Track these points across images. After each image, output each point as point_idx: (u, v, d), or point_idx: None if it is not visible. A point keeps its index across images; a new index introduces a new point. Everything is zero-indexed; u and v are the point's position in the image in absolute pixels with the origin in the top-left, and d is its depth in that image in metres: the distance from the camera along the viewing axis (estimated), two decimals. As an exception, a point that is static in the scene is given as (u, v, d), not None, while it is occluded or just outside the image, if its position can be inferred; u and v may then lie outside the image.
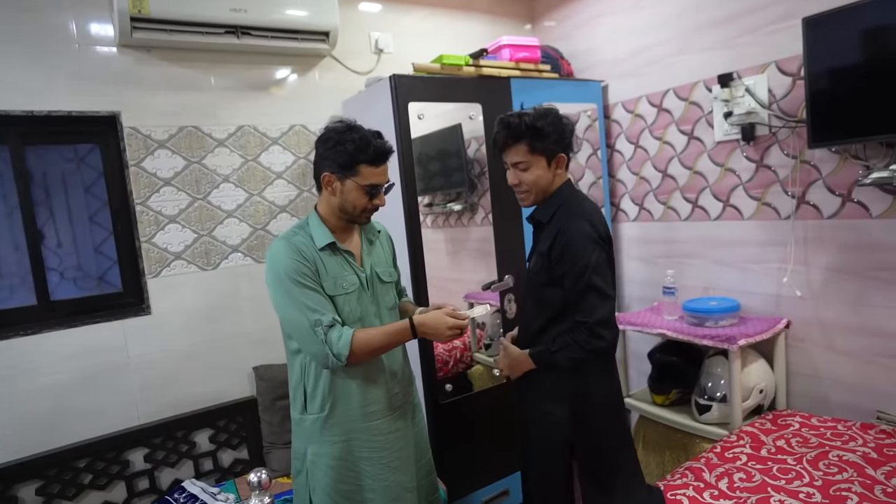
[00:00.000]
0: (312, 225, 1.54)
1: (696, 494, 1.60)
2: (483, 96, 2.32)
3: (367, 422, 1.53)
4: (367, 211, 1.53)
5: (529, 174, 1.53)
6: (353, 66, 2.66)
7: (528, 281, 1.65)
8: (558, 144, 1.53)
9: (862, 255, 1.93)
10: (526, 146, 1.51)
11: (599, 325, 1.43)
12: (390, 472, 1.54)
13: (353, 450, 1.52)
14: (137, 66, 2.18)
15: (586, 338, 1.43)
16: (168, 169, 2.26)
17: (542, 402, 1.57)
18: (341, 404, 1.51)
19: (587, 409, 1.53)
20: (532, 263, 1.61)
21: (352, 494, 1.53)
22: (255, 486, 1.15)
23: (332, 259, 1.51)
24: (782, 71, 2.06)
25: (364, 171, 1.47)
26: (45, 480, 2.01)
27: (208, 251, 2.36)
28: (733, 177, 2.28)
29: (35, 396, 2.03)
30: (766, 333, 2.06)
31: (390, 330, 1.49)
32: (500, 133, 1.54)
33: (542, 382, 1.57)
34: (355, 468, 1.52)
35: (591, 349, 1.45)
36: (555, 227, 1.52)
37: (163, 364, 2.26)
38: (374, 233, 1.66)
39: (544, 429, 1.58)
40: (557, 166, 1.55)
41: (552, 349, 1.49)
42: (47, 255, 2.15)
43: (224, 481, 2.31)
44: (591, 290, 1.44)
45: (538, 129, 1.49)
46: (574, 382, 1.52)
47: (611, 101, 2.78)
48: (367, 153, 1.45)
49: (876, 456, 1.66)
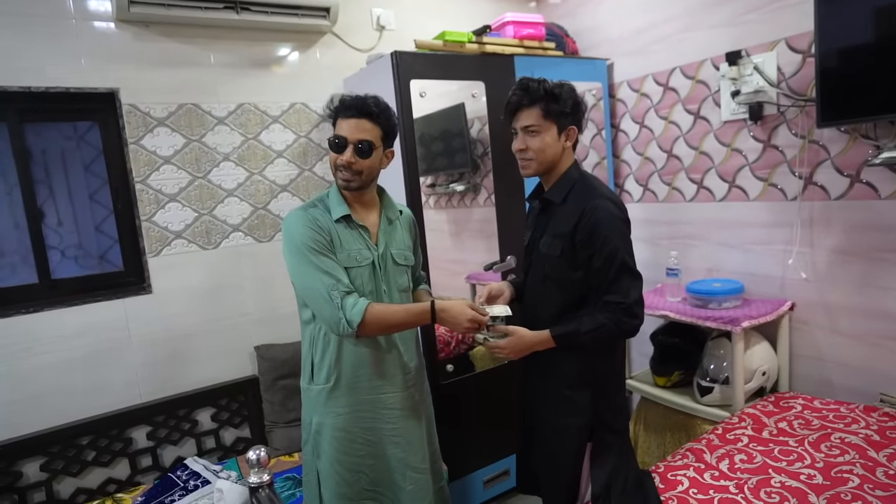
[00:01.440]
0: (332, 196, 1.54)
1: (697, 475, 1.60)
2: (486, 74, 2.28)
3: (375, 394, 1.54)
4: (340, 168, 1.48)
5: (538, 140, 1.49)
6: (355, 43, 2.62)
7: (540, 264, 1.58)
8: (572, 115, 1.51)
9: (869, 237, 1.91)
10: (541, 110, 1.48)
11: (636, 304, 1.43)
12: (395, 448, 1.55)
13: (358, 421, 1.53)
14: (136, 42, 2.15)
15: (623, 318, 1.42)
16: (168, 147, 2.24)
17: (562, 388, 1.54)
18: (349, 376, 1.52)
19: (608, 393, 1.54)
20: (547, 246, 1.54)
21: (355, 466, 1.54)
22: (255, 464, 1.15)
23: (346, 231, 1.51)
24: (792, 48, 2.02)
25: (337, 123, 1.48)
26: (48, 457, 2.03)
27: (209, 230, 2.34)
28: (739, 157, 2.25)
29: (37, 374, 2.04)
30: (769, 315, 2.04)
31: (410, 309, 1.47)
32: (517, 94, 1.51)
33: (559, 367, 1.54)
34: (359, 440, 1.53)
35: (629, 329, 1.45)
36: (574, 208, 1.47)
37: (164, 343, 2.26)
38: (394, 212, 1.63)
39: (564, 414, 1.54)
40: (567, 138, 1.52)
41: (583, 329, 1.44)
42: (48, 233, 2.15)
43: (226, 459, 2.33)
44: (625, 271, 1.43)
45: (556, 94, 1.47)
46: (594, 367, 1.52)
47: (616, 80, 2.73)
48: (339, 105, 1.47)
49: (878, 438, 1.65)
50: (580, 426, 1.53)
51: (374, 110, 1.47)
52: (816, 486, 1.47)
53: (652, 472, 1.65)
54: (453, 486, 2.24)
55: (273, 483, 1.15)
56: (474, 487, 2.35)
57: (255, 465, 1.15)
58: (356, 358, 1.52)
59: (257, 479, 1.13)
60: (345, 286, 1.42)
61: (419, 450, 1.60)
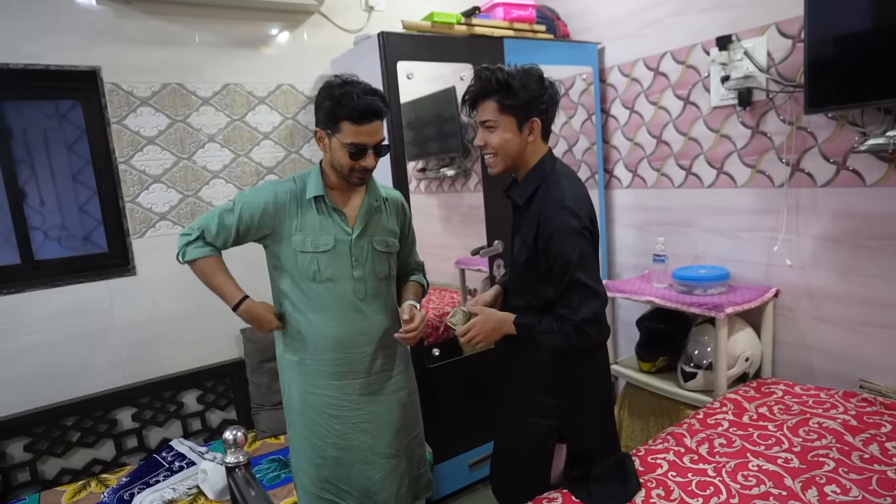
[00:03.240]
0: (312, 176, 1.52)
1: (676, 459, 1.61)
2: (475, 57, 2.25)
3: (341, 380, 1.53)
4: (356, 171, 1.45)
5: (496, 136, 1.39)
6: (343, 24, 2.58)
7: (514, 266, 1.53)
8: (531, 106, 1.37)
9: (853, 224, 1.91)
10: (495, 103, 1.36)
11: (585, 323, 1.34)
12: (361, 434, 1.54)
13: (322, 406, 1.53)
14: (117, 19, 2.11)
15: (571, 332, 1.35)
16: (151, 127, 2.21)
17: (531, 390, 1.49)
18: (315, 359, 1.52)
19: (579, 399, 1.48)
20: (517, 250, 1.48)
21: (321, 449, 1.55)
22: (231, 444, 1.15)
23: (310, 214, 1.49)
24: (782, 33, 2.00)
25: (346, 128, 1.40)
26: (32, 437, 2.03)
27: (194, 212, 2.32)
28: (728, 143, 2.24)
29: (21, 355, 2.03)
30: (754, 302, 2.05)
31: (225, 284, 1.54)
32: (473, 85, 1.40)
33: (531, 370, 1.50)
34: (325, 424, 1.54)
35: (578, 346, 1.37)
36: (535, 214, 1.39)
37: (149, 325, 2.25)
38: (377, 197, 1.58)
39: (532, 415, 1.50)
40: (530, 132, 1.39)
41: (539, 328, 1.39)
42: (30, 213, 2.12)
43: (212, 441, 2.34)
44: (575, 286, 1.34)
45: (509, 85, 1.34)
46: (565, 373, 1.45)
47: (607, 65, 2.71)
48: (347, 109, 1.37)
49: (855, 423, 1.67)
50: (549, 429, 1.48)
51: (385, 110, 1.44)
52: (792, 470, 1.49)
53: (633, 455, 1.66)
54: (439, 468, 2.26)
55: (250, 463, 1.15)
56: (460, 470, 2.37)
57: (231, 445, 1.15)
58: (322, 340, 1.52)
59: (234, 459, 1.13)
60: (210, 238, 1.51)
61: (387, 434, 1.59)
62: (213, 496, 1.89)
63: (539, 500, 1.49)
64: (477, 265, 2.47)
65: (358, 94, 1.39)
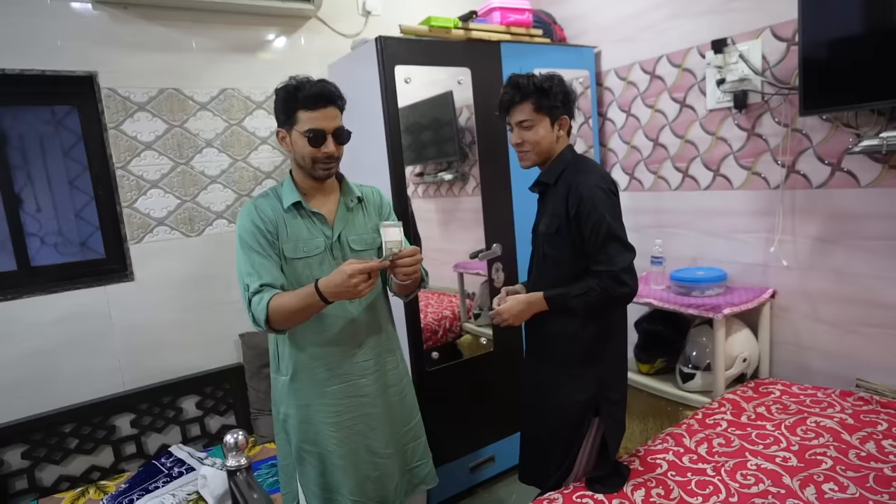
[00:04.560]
0: (285, 185, 1.52)
1: (676, 458, 1.62)
2: (472, 61, 2.26)
3: (328, 387, 1.52)
4: (319, 161, 1.44)
5: (533, 133, 1.57)
6: (340, 29, 2.59)
7: (540, 243, 1.65)
8: (563, 106, 1.58)
9: (848, 225, 1.93)
10: (532, 105, 1.55)
11: (623, 272, 1.45)
12: (356, 436, 1.54)
13: (312, 416, 1.52)
14: (114, 25, 2.11)
15: (611, 284, 1.45)
16: (149, 132, 2.21)
17: (566, 367, 1.57)
18: (303, 371, 1.52)
19: (609, 370, 1.58)
20: (545, 225, 1.61)
21: (319, 457, 1.55)
22: (232, 447, 1.15)
23: (296, 221, 1.49)
24: (777, 36, 2.02)
25: (301, 116, 1.42)
26: (30, 444, 2.02)
27: (192, 217, 2.32)
28: (724, 146, 2.26)
29: (18, 361, 2.02)
30: (751, 303, 2.07)
31: (300, 292, 1.40)
32: (508, 92, 1.58)
33: (564, 346, 1.57)
34: (318, 433, 1.53)
35: (617, 296, 1.47)
36: (565, 186, 1.54)
37: (148, 331, 2.25)
38: (352, 198, 1.58)
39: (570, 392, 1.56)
40: (560, 128, 1.59)
41: (573, 293, 1.49)
42: (26, 219, 2.12)
43: (211, 447, 2.33)
44: (611, 239, 1.46)
45: (545, 88, 1.54)
46: (596, 343, 1.55)
47: (603, 68, 2.73)
48: (299, 98, 1.40)
49: (852, 422, 1.68)
50: (583, 403, 1.55)
51: (337, 96, 1.45)
52: (791, 468, 1.50)
53: (632, 455, 1.67)
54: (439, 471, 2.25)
55: (251, 466, 1.15)
56: (460, 474, 2.37)
57: (232, 448, 1.15)
58: (312, 350, 1.51)
59: (235, 463, 1.13)
60: (255, 287, 1.40)
61: (382, 436, 1.59)
62: (212, 501, 1.88)
63: (540, 500, 1.49)
64: (475, 269, 2.47)
65: (311, 83, 1.43)
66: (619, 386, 1.63)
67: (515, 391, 1.82)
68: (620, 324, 1.64)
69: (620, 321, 1.64)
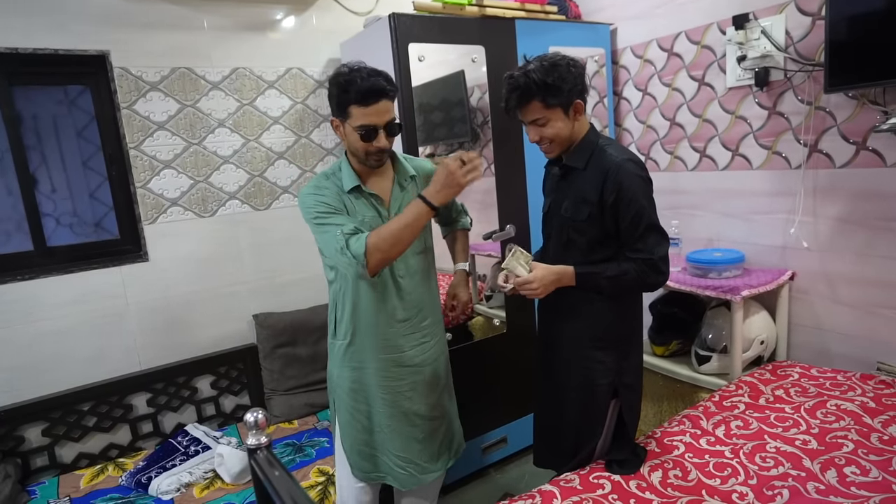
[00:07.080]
0: (343, 169, 1.55)
1: (693, 441, 1.61)
2: (486, 38, 2.22)
3: (386, 354, 1.59)
4: (372, 154, 1.48)
5: (549, 128, 1.48)
6: (352, 7, 2.55)
7: (562, 229, 1.57)
8: (571, 94, 1.46)
9: (872, 205, 1.89)
10: (540, 103, 1.45)
11: (661, 261, 1.45)
12: (405, 401, 1.62)
13: (365, 377, 1.60)
14: (125, 3, 2.09)
15: (648, 271, 1.44)
16: (161, 112, 2.20)
17: (587, 349, 1.55)
18: (360, 336, 1.58)
19: (627, 354, 1.57)
20: (570, 210, 1.53)
21: (368, 416, 1.63)
22: (253, 426, 1.15)
23: (358, 202, 1.53)
24: (802, 10, 1.96)
25: (354, 111, 1.44)
26: (49, 422, 2.05)
27: (205, 198, 2.32)
28: (744, 125, 2.21)
29: (36, 341, 2.04)
30: (769, 285, 2.04)
31: (403, 213, 1.44)
32: (510, 96, 1.48)
33: (586, 328, 1.55)
34: (369, 394, 1.61)
35: (652, 283, 1.47)
36: (597, 172, 1.47)
37: (162, 311, 2.26)
38: (406, 178, 1.61)
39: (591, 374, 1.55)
40: (576, 114, 1.50)
41: (606, 274, 1.46)
42: (42, 200, 2.12)
43: (226, 426, 2.36)
44: (649, 229, 1.45)
45: (549, 85, 1.42)
46: (617, 326, 1.54)
47: (619, 46, 2.67)
48: (351, 93, 1.41)
49: (874, 405, 1.66)
50: (604, 386, 1.55)
51: (389, 88, 1.45)
52: (811, 451, 1.48)
53: (648, 437, 1.66)
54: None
55: (271, 444, 1.15)
56: (472, 455, 2.38)
57: (253, 427, 1.15)
58: (370, 316, 1.57)
59: (255, 441, 1.13)
60: (350, 228, 1.42)
61: (429, 398, 1.67)
62: (229, 479, 1.91)
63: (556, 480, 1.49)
64: (488, 250, 2.46)
65: (362, 77, 1.42)
66: (637, 368, 1.62)
67: (528, 373, 1.82)
68: (640, 307, 1.62)
69: (640, 304, 1.62)
